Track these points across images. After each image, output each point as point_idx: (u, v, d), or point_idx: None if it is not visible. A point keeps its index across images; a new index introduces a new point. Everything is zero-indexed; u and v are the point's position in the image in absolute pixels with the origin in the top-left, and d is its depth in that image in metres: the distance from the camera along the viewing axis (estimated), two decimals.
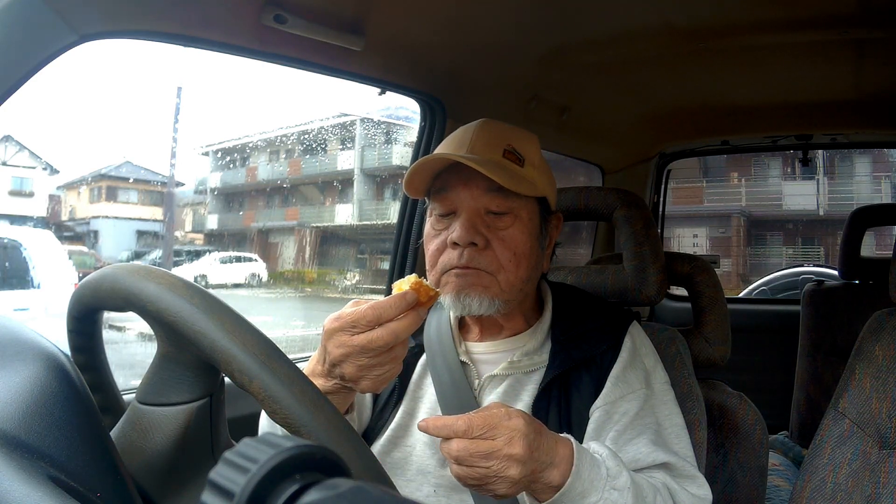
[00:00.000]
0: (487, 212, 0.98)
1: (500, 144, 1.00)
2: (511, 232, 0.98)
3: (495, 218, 0.98)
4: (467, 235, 0.95)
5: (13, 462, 0.43)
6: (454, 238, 0.95)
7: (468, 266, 0.96)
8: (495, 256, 0.97)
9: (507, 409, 0.79)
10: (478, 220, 0.97)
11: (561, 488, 0.78)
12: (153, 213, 11.79)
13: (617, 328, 1.04)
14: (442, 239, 0.99)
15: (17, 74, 0.86)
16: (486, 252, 0.96)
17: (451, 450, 0.75)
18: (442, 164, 0.98)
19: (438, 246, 0.99)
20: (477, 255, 0.96)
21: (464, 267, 0.96)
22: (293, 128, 13.68)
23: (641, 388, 0.98)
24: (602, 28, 1.46)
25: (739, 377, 1.63)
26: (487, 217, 0.98)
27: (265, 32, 1.17)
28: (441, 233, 0.99)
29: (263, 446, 0.32)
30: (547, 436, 0.80)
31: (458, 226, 0.96)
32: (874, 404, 1.03)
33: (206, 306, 0.52)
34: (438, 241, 0.99)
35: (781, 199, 14.72)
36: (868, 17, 1.36)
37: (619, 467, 0.83)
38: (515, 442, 0.75)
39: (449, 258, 0.97)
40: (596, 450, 0.85)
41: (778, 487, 1.80)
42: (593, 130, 2.19)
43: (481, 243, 0.96)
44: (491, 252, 0.97)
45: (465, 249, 0.96)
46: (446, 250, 0.98)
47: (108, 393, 0.67)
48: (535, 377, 1.00)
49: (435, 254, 0.99)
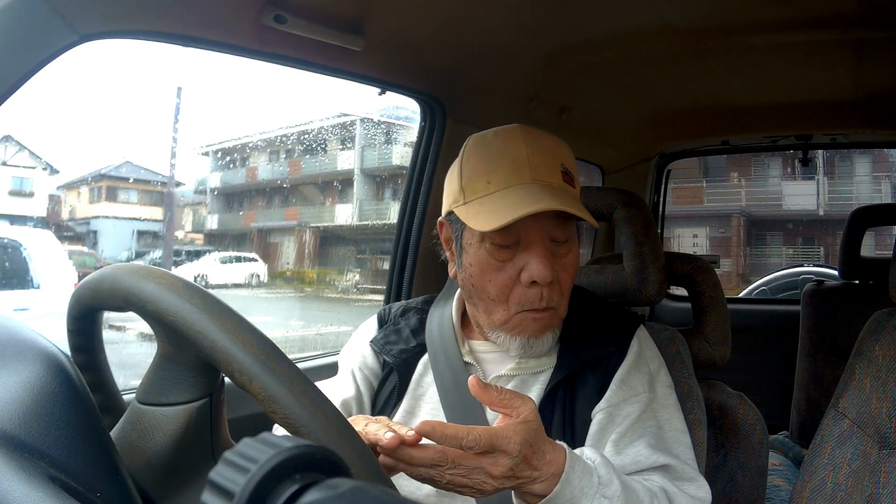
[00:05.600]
0: (552, 241, 0.94)
1: (557, 165, 0.94)
2: (570, 258, 0.96)
3: (558, 247, 0.95)
4: (549, 275, 0.91)
5: (13, 462, 0.43)
6: (535, 277, 0.91)
7: (548, 307, 0.94)
8: (560, 287, 0.95)
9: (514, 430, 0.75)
10: (549, 255, 0.93)
11: (547, 496, 0.77)
12: (153, 213, 11.78)
13: (625, 331, 1.04)
14: (510, 274, 0.93)
15: (17, 74, 0.86)
16: (555, 286, 0.94)
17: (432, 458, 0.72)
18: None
19: (506, 281, 0.94)
20: (551, 290, 0.93)
21: (543, 309, 0.94)
22: (293, 128, 13.67)
23: (644, 392, 0.98)
24: (602, 28, 1.46)
25: (739, 377, 1.63)
26: (552, 246, 0.94)
27: (265, 32, 1.17)
28: (505, 265, 0.93)
29: (263, 446, 0.32)
30: (540, 451, 0.77)
31: (534, 262, 0.91)
32: (874, 404, 1.03)
33: (206, 306, 0.52)
34: (505, 276, 0.93)
35: (781, 199, 14.72)
36: (868, 17, 1.36)
37: (611, 475, 0.81)
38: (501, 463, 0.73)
39: (526, 298, 0.93)
40: (589, 456, 0.84)
41: (778, 487, 1.80)
42: (593, 130, 2.19)
43: (554, 279, 0.93)
44: (558, 284, 0.94)
45: (543, 289, 0.92)
46: (518, 286, 0.93)
47: (108, 393, 0.67)
48: (542, 378, 0.99)
49: (504, 290, 0.94)
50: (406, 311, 1.15)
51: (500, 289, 0.94)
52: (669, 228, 12.11)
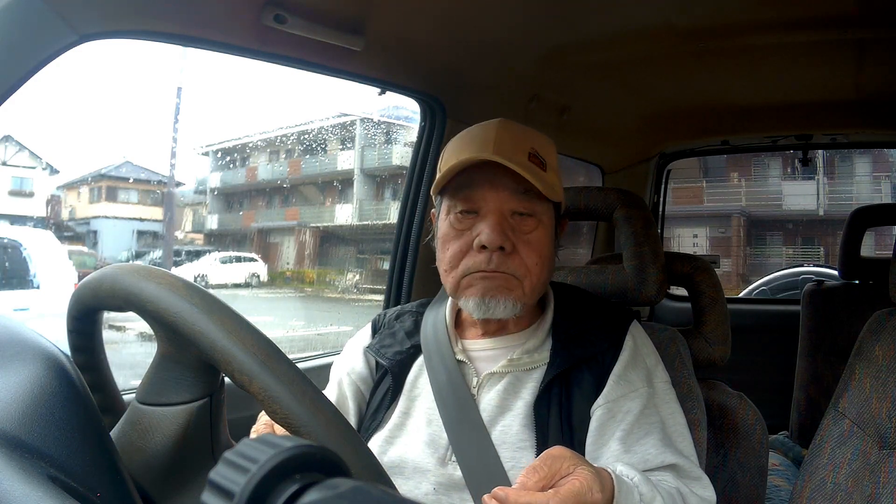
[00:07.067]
0: (513, 214, 0.97)
1: (525, 147, 0.98)
2: (536, 235, 0.98)
3: (520, 220, 0.97)
4: (497, 239, 0.93)
5: (13, 462, 0.43)
6: (483, 241, 0.94)
7: (497, 270, 0.95)
8: (522, 261, 0.96)
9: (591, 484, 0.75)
10: (504, 223, 0.95)
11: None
12: (153, 213, 11.78)
13: (618, 327, 1.04)
14: (465, 241, 0.97)
15: (17, 74, 0.86)
16: (514, 256, 0.96)
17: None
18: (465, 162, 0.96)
19: (461, 247, 0.97)
20: (505, 259, 0.95)
21: (492, 271, 0.95)
22: (293, 128, 13.66)
23: (644, 387, 0.98)
24: (602, 28, 1.46)
25: (739, 377, 1.63)
26: (513, 219, 0.97)
27: (265, 32, 1.17)
28: (463, 233, 0.97)
29: (263, 446, 0.32)
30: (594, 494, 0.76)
31: (485, 227, 0.94)
32: (874, 404, 1.03)
33: (206, 306, 0.52)
34: (461, 243, 0.97)
35: (781, 199, 14.71)
36: (868, 17, 1.36)
37: (653, 492, 0.82)
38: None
39: (474, 261, 0.96)
40: (627, 474, 0.84)
41: (778, 487, 1.80)
42: (593, 130, 2.19)
43: (509, 247, 0.95)
44: (518, 256, 0.96)
45: (493, 253, 0.94)
46: (470, 252, 0.96)
47: (108, 393, 0.67)
48: (536, 375, 1.00)
49: (457, 255, 0.97)
50: (401, 314, 1.16)
51: (453, 255, 0.98)
52: (669, 228, 12.11)
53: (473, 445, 0.95)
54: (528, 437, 0.95)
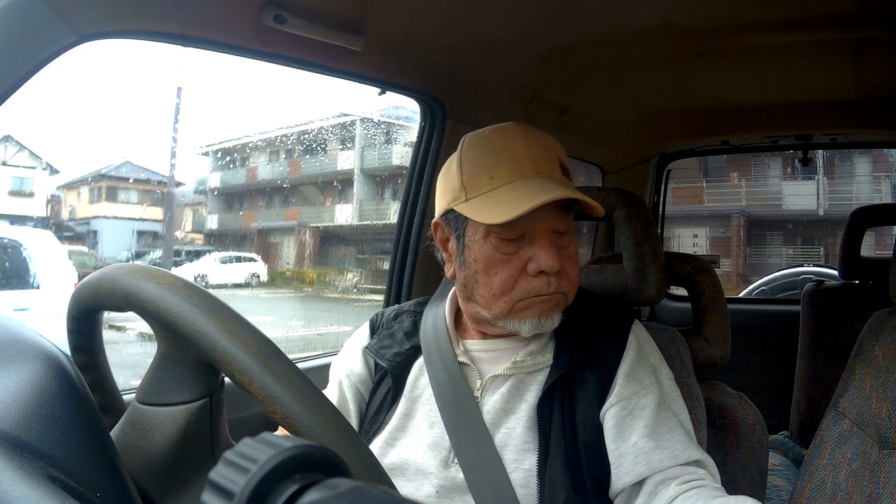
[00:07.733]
0: (554, 232, 0.97)
1: (555, 159, 0.98)
2: (573, 248, 0.99)
3: (559, 238, 0.98)
4: (557, 264, 0.94)
5: (13, 462, 0.43)
6: (543, 267, 0.93)
7: (556, 292, 0.96)
8: (568, 277, 0.97)
9: None
10: (554, 245, 0.96)
11: None
12: (153, 213, 11.79)
13: (621, 326, 1.04)
14: (516, 265, 0.95)
15: (17, 74, 0.86)
16: (562, 274, 0.96)
17: None
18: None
19: (512, 273, 0.96)
20: (559, 279, 0.96)
21: (551, 294, 0.96)
22: (293, 128, 13.68)
23: (653, 384, 0.98)
24: (602, 28, 1.46)
25: (739, 377, 1.63)
26: (554, 237, 0.97)
27: (265, 32, 1.17)
28: (511, 258, 0.95)
29: (263, 446, 0.32)
30: None
31: (542, 253, 0.93)
32: (874, 404, 1.03)
33: (206, 306, 0.51)
34: (511, 268, 0.95)
35: (781, 199, 14.72)
36: (868, 17, 1.36)
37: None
38: None
39: (533, 286, 0.95)
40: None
41: (778, 487, 1.80)
42: (593, 130, 2.19)
43: (561, 269, 0.96)
44: (565, 274, 0.97)
45: (551, 277, 0.95)
46: (524, 276, 0.95)
47: (108, 393, 0.67)
48: (539, 377, 0.99)
49: (509, 281, 0.96)
50: (399, 314, 1.16)
51: (504, 281, 0.96)
52: (669, 228, 12.12)
53: (475, 448, 0.94)
54: (531, 439, 0.95)
